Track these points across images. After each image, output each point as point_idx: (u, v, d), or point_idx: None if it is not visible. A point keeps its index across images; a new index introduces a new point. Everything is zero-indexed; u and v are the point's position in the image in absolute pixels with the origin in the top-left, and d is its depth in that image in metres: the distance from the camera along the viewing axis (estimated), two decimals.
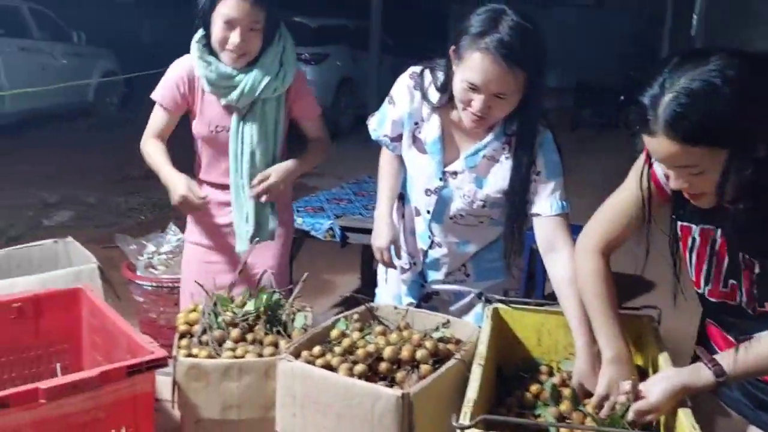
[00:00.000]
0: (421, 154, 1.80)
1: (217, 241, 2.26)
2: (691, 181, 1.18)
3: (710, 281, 1.34)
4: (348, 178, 4.33)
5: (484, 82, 1.53)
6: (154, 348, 1.38)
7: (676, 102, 1.10)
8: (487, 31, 1.51)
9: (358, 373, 1.34)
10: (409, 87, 1.78)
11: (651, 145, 1.17)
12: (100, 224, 5.16)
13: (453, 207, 1.81)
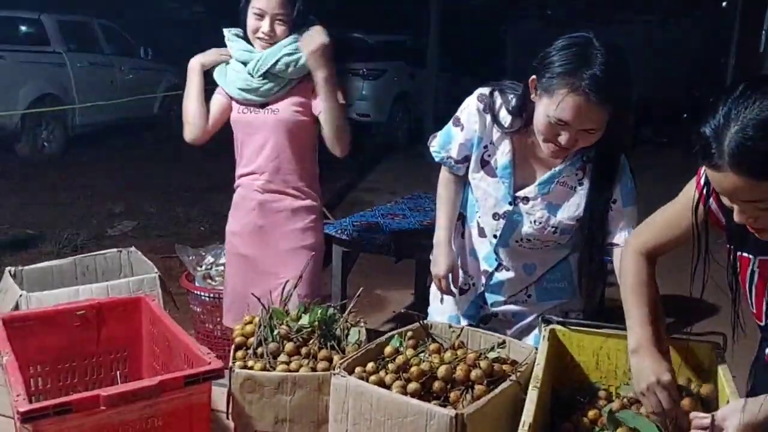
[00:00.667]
0: (490, 178, 1.77)
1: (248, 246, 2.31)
2: (758, 215, 1.12)
3: None
4: (402, 193, 4.34)
5: (576, 119, 1.49)
6: (211, 359, 1.41)
7: (743, 135, 1.03)
8: (577, 69, 1.46)
9: (411, 392, 1.33)
10: (478, 109, 1.73)
11: (715, 178, 1.11)
12: (162, 234, 5.31)
13: (521, 231, 1.77)
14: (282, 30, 2.16)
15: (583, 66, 1.46)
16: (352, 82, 10.07)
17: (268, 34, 2.14)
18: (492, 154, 1.75)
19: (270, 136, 2.20)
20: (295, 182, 2.25)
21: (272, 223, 2.26)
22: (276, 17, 2.14)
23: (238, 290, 2.35)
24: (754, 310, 1.32)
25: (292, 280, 1.99)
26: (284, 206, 2.26)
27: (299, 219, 2.27)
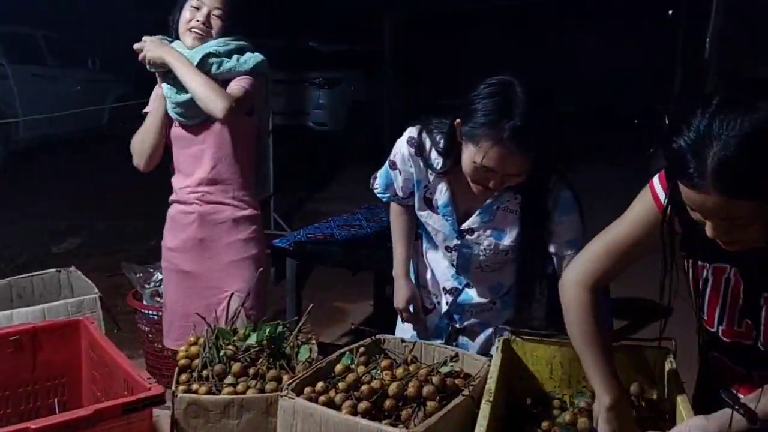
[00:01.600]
0: (435, 215, 1.78)
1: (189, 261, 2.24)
2: (732, 232, 1.09)
3: (723, 320, 1.28)
4: (361, 203, 4.29)
5: (501, 167, 1.50)
6: (151, 384, 1.34)
7: (725, 154, 0.99)
8: (499, 120, 1.45)
9: (361, 411, 1.29)
10: (411, 154, 1.73)
11: (693, 198, 1.06)
12: (110, 251, 5.15)
13: (476, 260, 1.78)
14: (218, 26, 2.10)
15: (505, 116, 1.45)
16: (308, 91, 10.03)
17: (203, 23, 2.08)
18: (433, 192, 1.76)
19: (205, 146, 2.14)
20: (234, 191, 2.18)
21: (213, 236, 2.19)
22: (213, 11, 2.10)
23: (178, 309, 2.26)
24: (706, 317, 1.32)
25: (237, 293, 1.94)
26: (225, 217, 2.18)
27: (241, 230, 2.20)
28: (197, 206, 2.18)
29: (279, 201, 6.20)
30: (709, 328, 1.33)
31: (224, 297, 2.13)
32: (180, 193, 2.21)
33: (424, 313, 1.94)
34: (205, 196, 2.16)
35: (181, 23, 2.12)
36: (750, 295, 1.21)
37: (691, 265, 1.29)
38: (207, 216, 2.18)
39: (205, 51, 2.07)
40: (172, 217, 2.26)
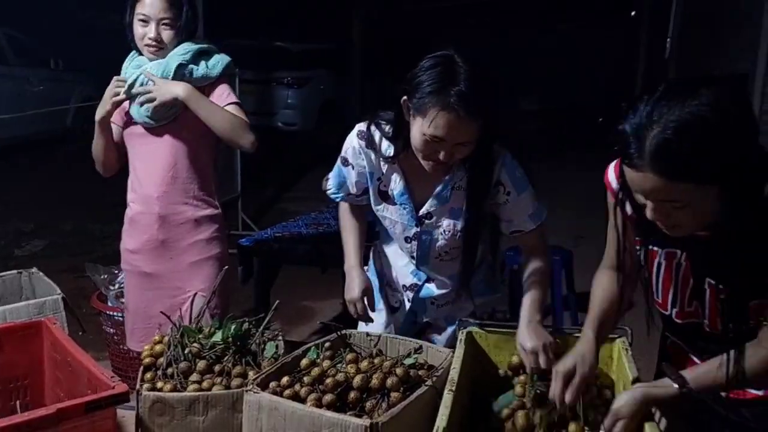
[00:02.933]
0: (391, 206, 1.79)
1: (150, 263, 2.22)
2: (671, 214, 1.14)
3: (676, 303, 1.33)
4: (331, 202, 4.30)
5: (449, 135, 1.53)
6: (115, 383, 1.34)
7: (663, 136, 1.04)
8: (444, 87, 1.50)
9: (326, 404, 1.31)
10: (361, 147, 1.76)
11: (634, 178, 1.12)
12: (75, 253, 5.07)
13: (436, 246, 1.80)
14: (169, 35, 2.07)
15: (450, 83, 1.50)
16: (277, 91, 9.98)
17: (155, 39, 2.06)
18: (387, 184, 1.78)
19: (164, 146, 2.12)
20: (195, 191, 2.16)
21: (175, 236, 2.17)
22: (161, 22, 2.06)
23: (141, 311, 2.24)
24: (660, 300, 1.37)
25: (200, 293, 1.93)
26: (186, 217, 2.17)
27: (203, 229, 2.19)
28: (157, 207, 2.15)
29: (247, 201, 6.16)
30: (663, 311, 1.38)
31: (187, 297, 2.13)
32: (138, 193, 2.19)
33: (391, 312, 1.95)
34: (165, 196, 2.14)
35: (136, 37, 2.10)
36: (697, 279, 1.25)
37: (645, 251, 1.34)
38: (168, 216, 2.16)
39: (174, 63, 2.06)
40: (131, 218, 2.23)
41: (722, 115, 1.03)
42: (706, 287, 1.25)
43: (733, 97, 1.05)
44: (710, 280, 1.24)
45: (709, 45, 6.29)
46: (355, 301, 1.78)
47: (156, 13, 2.05)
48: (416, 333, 1.91)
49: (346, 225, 1.93)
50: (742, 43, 5.14)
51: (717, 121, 1.03)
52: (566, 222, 5.41)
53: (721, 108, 1.03)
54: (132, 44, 2.14)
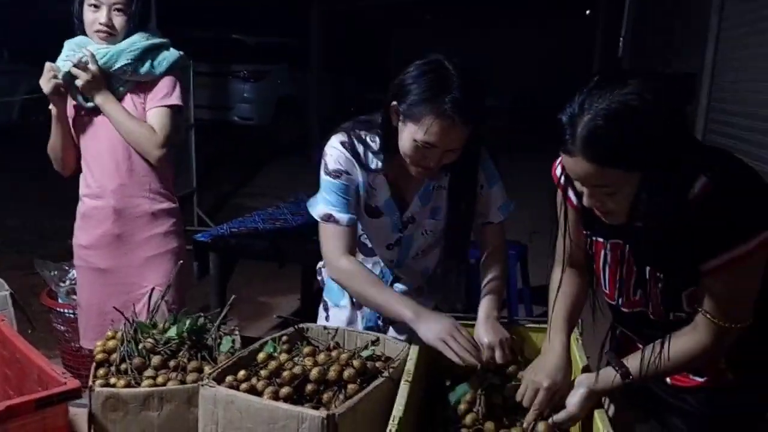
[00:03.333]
0: (375, 219, 1.77)
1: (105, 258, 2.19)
2: (604, 201, 1.20)
3: (623, 293, 1.37)
4: (288, 196, 4.27)
5: (441, 141, 1.53)
6: (66, 379, 1.31)
7: (594, 123, 1.10)
8: (438, 94, 1.49)
9: (283, 396, 1.31)
10: (351, 159, 1.68)
11: (568, 163, 1.18)
12: (23, 249, 4.92)
13: (414, 247, 1.81)
14: (121, 21, 2.04)
15: (443, 90, 1.49)
16: (233, 84, 9.85)
17: (106, 24, 2.02)
18: (372, 196, 1.75)
19: (118, 138, 2.08)
20: (152, 184, 2.13)
21: (131, 231, 2.14)
22: (113, 7, 2.02)
23: (94, 308, 2.20)
24: (607, 290, 1.42)
25: (158, 288, 1.91)
26: (143, 211, 2.14)
27: (160, 223, 2.16)
28: (113, 200, 2.12)
29: (203, 197, 6.09)
30: (610, 302, 1.42)
31: (144, 292, 2.09)
32: (92, 187, 2.14)
33: (357, 308, 1.92)
34: (120, 189, 2.11)
35: (86, 24, 2.05)
36: (639, 268, 1.31)
37: (592, 242, 1.38)
38: (123, 210, 2.12)
39: (120, 62, 2.02)
40: (83, 213, 2.19)
41: (648, 105, 1.09)
42: (647, 276, 1.29)
43: (660, 90, 1.11)
44: (650, 269, 1.29)
45: (660, 44, 6.47)
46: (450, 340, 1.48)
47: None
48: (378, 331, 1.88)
49: (372, 280, 1.65)
50: (691, 41, 5.30)
51: (642, 110, 1.09)
52: (521, 218, 5.51)
53: (647, 98, 1.09)
54: (79, 34, 2.09)
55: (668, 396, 1.44)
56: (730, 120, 4.39)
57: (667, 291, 1.28)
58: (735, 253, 1.16)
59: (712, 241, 1.17)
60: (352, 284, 1.66)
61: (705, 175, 1.16)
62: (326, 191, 1.67)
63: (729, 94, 4.49)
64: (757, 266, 1.20)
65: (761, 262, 1.19)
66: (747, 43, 4.15)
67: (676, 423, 1.46)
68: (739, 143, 4.10)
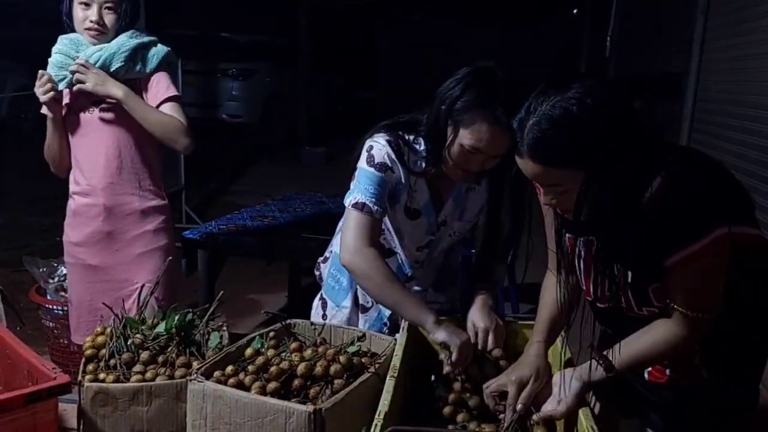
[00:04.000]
0: (413, 221, 1.79)
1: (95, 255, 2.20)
2: (558, 198, 1.26)
3: (597, 289, 1.41)
4: (276, 194, 4.29)
5: (490, 147, 1.56)
6: (56, 374, 1.33)
7: (537, 127, 1.17)
8: (490, 101, 1.52)
9: (270, 391, 1.33)
10: (393, 158, 1.69)
11: (521, 164, 1.25)
12: (11, 246, 4.90)
13: (440, 248, 1.85)
14: (112, 19, 2.05)
15: (495, 98, 1.52)
16: (221, 82, 9.84)
17: (97, 22, 2.03)
18: (412, 198, 1.76)
19: (107, 136, 2.09)
20: (142, 181, 2.15)
21: (121, 228, 2.15)
22: (104, 5, 2.03)
23: (85, 304, 2.22)
24: (584, 287, 1.45)
25: (148, 284, 1.92)
26: (133, 208, 2.15)
27: (150, 220, 2.18)
28: (103, 198, 2.13)
29: (191, 194, 6.08)
30: (588, 298, 1.46)
31: (134, 289, 2.10)
32: (82, 185, 2.15)
33: (362, 312, 1.93)
34: (110, 187, 2.12)
35: (75, 22, 2.06)
36: (609, 265, 1.34)
37: (567, 240, 1.42)
38: (114, 208, 2.13)
39: (114, 64, 2.03)
40: (74, 210, 2.19)
41: (587, 110, 1.14)
42: (616, 272, 1.33)
43: (602, 94, 1.16)
44: (618, 266, 1.32)
45: (647, 44, 6.52)
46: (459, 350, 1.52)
47: None
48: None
49: (393, 277, 1.65)
50: (677, 42, 5.36)
51: (582, 115, 1.14)
52: None
53: (586, 103, 1.14)
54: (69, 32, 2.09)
55: (646, 391, 1.48)
56: (715, 119, 4.45)
57: (634, 287, 1.32)
58: (692, 249, 1.20)
59: (670, 238, 1.22)
60: (372, 276, 1.62)
61: (660, 175, 1.21)
62: (366, 182, 1.67)
63: (714, 93, 4.54)
64: (718, 261, 1.23)
65: (723, 257, 1.23)
66: (732, 44, 4.21)
67: (654, 418, 1.49)
68: (723, 142, 4.16)
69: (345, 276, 1.93)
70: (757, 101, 3.69)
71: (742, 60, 3.98)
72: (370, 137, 1.72)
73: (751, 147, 3.71)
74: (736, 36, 4.12)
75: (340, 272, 1.94)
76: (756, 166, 3.60)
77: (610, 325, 1.48)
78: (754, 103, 3.73)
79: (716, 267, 1.24)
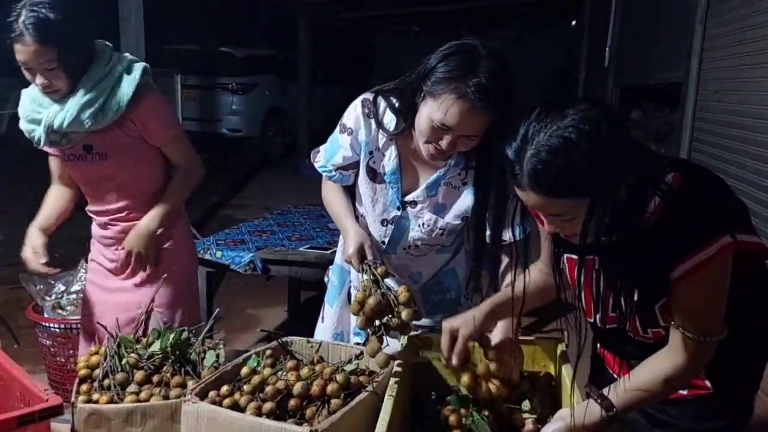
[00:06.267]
0: (377, 185, 1.76)
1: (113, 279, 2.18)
2: (563, 226, 1.23)
3: (599, 309, 1.38)
4: (276, 208, 4.27)
5: (458, 125, 1.50)
6: (48, 395, 1.30)
7: (537, 159, 1.12)
8: (464, 75, 1.45)
9: (266, 412, 1.30)
10: (364, 114, 1.70)
11: (522, 196, 1.20)
12: (10, 263, 4.89)
13: (409, 236, 1.78)
14: (62, 78, 1.86)
15: (470, 73, 1.45)
16: (221, 96, 9.86)
17: (47, 87, 1.86)
18: (378, 160, 1.73)
19: (108, 178, 2.05)
20: (154, 204, 2.10)
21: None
22: (43, 67, 1.82)
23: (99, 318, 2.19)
24: (584, 308, 1.42)
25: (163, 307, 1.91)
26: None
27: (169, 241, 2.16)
28: (117, 229, 2.12)
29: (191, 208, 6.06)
30: (589, 319, 1.43)
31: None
32: (97, 217, 2.14)
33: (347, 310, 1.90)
34: (126, 215, 2.11)
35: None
36: (611, 284, 1.31)
37: (564, 260, 1.39)
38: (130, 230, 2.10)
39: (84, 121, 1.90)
40: (95, 234, 2.19)
41: (585, 137, 1.09)
42: (620, 291, 1.31)
43: (598, 119, 1.11)
44: (621, 284, 1.30)
45: (646, 54, 6.53)
46: (352, 257, 1.66)
47: (32, 60, 1.81)
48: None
49: (333, 197, 1.84)
50: (677, 52, 5.36)
51: (580, 143, 1.09)
52: None
53: (583, 130, 1.10)
54: None
55: (650, 408, 1.45)
56: (715, 129, 4.44)
57: (640, 304, 1.29)
58: (698, 259, 1.17)
59: (675, 248, 1.19)
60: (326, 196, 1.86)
61: (657, 195, 1.18)
62: (327, 144, 1.82)
63: (714, 103, 4.54)
64: (721, 274, 1.21)
65: (725, 269, 1.21)
66: (731, 53, 4.20)
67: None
68: (724, 152, 4.14)
69: (337, 276, 1.92)
70: (757, 111, 3.68)
71: (742, 69, 3.97)
72: None
73: (752, 156, 3.69)
74: (736, 45, 4.11)
75: (334, 273, 1.94)
76: (756, 176, 3.58)
77: (611, 346, 1.45)
78: (755, 112, 3.72)
79: (720, 280, 1.21)
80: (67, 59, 1.84)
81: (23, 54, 1.80)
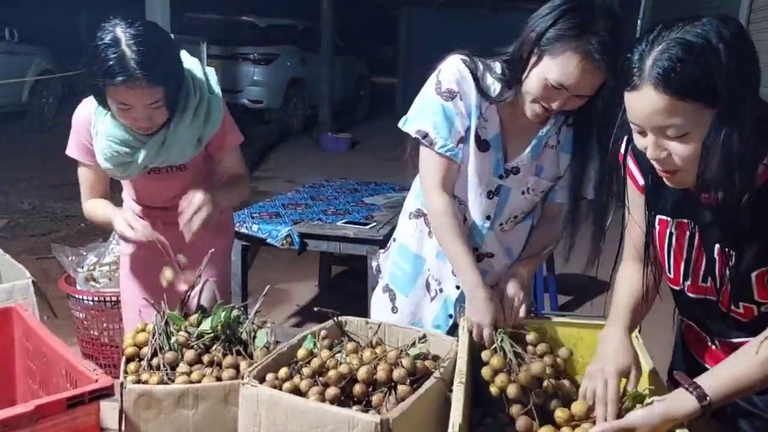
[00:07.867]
0: (482, 153, 1.62)
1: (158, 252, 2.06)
2: (671, 149, 1.10)
3: (689, 276, 1.27)
4: (299, 180, 4.19)
5: (576, 84, 1.41)
6: (98, 375, 1.23)
7: (668, 52, 1.04)
8: (585, 32, 1.37)
9: (330, 398, 1.22)
10: (468, 77, 1.55)
11: (634, 101, 1.09)
12: (36, 233, 4.86)
13: (510, 206, 1.68)
14: (163, 113, 1.70)
15: (591, 30, 1.38)
16: (243, 67, 9.73)
17: (147, 126, 1.71)
18: (482, 126, 1.61)
19: (178, 186, 1.90)
20: None
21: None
22: (149, 105, 1.66)
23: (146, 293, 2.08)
24: (672, 275, 1.32)
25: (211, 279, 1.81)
26: None
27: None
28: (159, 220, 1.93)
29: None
30: (674, 287, 1.33)
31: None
32: (141, 209, 2.02)
33: (430, 301, 1.79)
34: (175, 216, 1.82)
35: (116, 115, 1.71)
36: (708, 249, 1.21)
37: (656, 221, 1.29)
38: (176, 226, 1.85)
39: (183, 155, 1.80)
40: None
41: (724, 40, 1.03)
42: (715, 256, 1.19)
43: (737, 29, 1.05)
44: (718, 247, 1.19)
45: None
46: (485, 327, 1.50)
47: (138, 101, 1.64)
48: (449, 329, 1.73)
49: (452, 229, 1.59)
50: None
51: (718, 44, 1.03)
52: None
53: (724, 35, 1.03)
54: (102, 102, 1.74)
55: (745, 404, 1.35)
56: None
57: (736, 271, 1.17)
58: None
59: None
60: (436, 228, 1.65)
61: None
62: (430, 111, 1.57)
63: None
64: None
65: None
66: None
67: (743, 426, 1.37)
68: None
69: (410, 263, 1.79)
70: None
71: None
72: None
73: None
74: None
75: (405, 260, 1.80)
76: None
77: (697, 320, 1.35)
78: None
79: None
80: (174, 96, 1.71)
81: (130, 96, 1.63)
